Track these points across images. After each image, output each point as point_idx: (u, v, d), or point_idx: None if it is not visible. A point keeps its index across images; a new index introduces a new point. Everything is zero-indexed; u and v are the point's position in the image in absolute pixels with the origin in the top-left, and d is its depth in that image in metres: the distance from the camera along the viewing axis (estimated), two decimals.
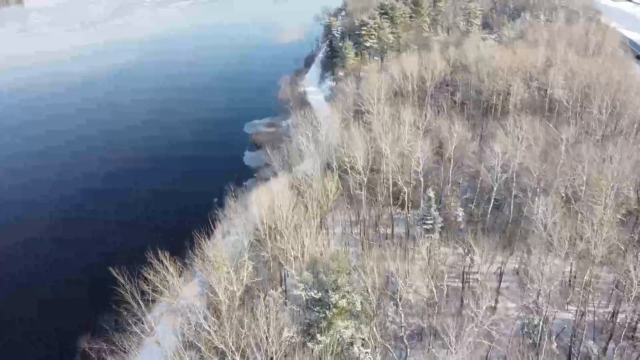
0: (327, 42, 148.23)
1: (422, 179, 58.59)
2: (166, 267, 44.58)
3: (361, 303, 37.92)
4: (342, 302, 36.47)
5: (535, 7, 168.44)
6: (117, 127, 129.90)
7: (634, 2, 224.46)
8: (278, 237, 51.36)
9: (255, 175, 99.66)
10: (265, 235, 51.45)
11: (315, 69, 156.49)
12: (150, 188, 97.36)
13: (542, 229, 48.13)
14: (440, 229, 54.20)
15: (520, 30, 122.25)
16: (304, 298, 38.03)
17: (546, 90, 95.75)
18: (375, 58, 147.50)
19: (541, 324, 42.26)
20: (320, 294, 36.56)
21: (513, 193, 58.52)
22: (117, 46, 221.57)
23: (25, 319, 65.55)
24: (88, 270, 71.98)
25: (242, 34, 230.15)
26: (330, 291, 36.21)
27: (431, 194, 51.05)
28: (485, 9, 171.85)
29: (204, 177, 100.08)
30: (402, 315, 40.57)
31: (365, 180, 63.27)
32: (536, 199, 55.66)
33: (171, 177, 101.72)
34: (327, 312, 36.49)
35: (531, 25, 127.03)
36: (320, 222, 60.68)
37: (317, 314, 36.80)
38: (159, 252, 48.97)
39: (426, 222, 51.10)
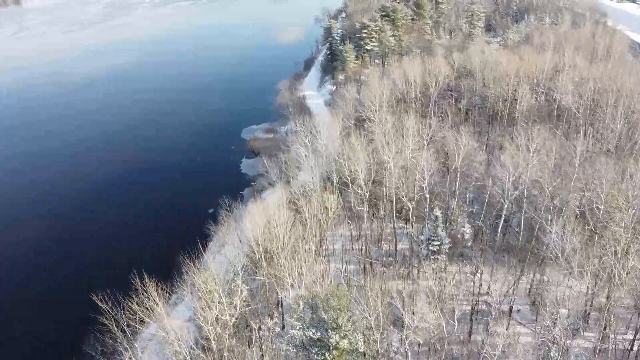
0: (327, 45, 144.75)
1: (427, 195, 55.24)
2: (152, 296, 41.06)
3: (364, 342, 34.50)
4: (344, 343, 33.03)
5: (539, 9, 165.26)
6: (109, 132, 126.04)
7: (638, 3, 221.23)
8: (274, 259, 47.93)
9: (252, 184, 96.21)
10: (260, 257, 48.00)
11: (314, 73, 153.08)
12: (141, 199, 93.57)
13: (559, 254, 44.68)
14: (447, 250, 50.86)
15: (526, 33, 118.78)
16: (301, 338, 34.59)
17: (554, 97, 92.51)
18: (377, 61, 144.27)
19: (559, 357, 38.86)
20: (319, 334, 33.15)
21: (524, 209, 55.09)
22: (113, 47, 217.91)
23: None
24: (71, 294, 67.68)
25: (241, 35, 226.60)
26: (330, 331, 32.80)
27: (438, 213, 47.70)
28: (487, 11, 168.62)
29: (199, 186, 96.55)
30: (409, 355, 37.21)
31: (367, 195, 59.80)
32: (549, 217, 52.27)
33: (164, 186, 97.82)
34: (326, 354, 33.03)
35: (537, 29, 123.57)
36: (320, 242, 57.34)
37: (315, 356, 33.36)
38: (146, 276, 45.47)
39: (433, 243, 47.76)
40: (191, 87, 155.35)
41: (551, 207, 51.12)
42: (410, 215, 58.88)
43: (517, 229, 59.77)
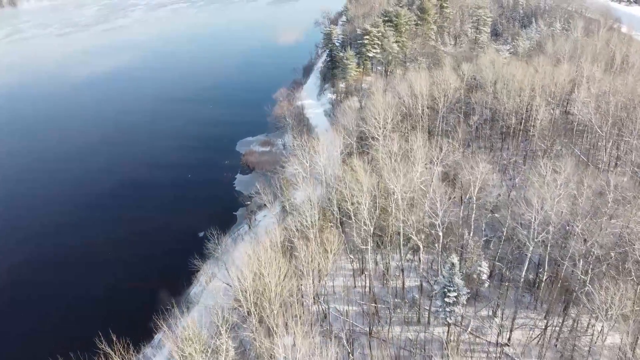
0: (327, 52, 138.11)
1: (440, 233, 48.72)
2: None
3: None
4: None
5: (547, 13, 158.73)
6: (93, 145, 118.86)
7: None
8: (265, 318, 41.29)
9: (247, 203, 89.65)
10: (249, 311, 41.39)
11: (314, 80, 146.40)
12: (125, 221, 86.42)
13: (597, 309, 38.16)
14: (465, 302, 44.37)
15: (537, 41, 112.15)
16: None
17: (571, 111, 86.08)
18: (379, 68, 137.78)
19: None
20: None
21: (548, 249, 48.52)
22: (105, 52, 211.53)
23: None
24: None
25: (238, 39, 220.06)
26: None
27: (454, 259, 41.26)
28: (494, 15, 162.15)
29: (189, 206, 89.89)
30: None
31: (372, 229, 53.18)
32: (580, 262, 45.70)
33: (151, 206, 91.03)
34: None
35: (550, 37, 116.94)
36: (317, 295, 50.82)
37: None
38: (114, 337, 38.93)
39: (449, 294, 41.34)
40: (184, 96, 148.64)
41: (584, 252, 44.52)
42: (420, 255, 52.26)
43: (540, 269, 53.22)
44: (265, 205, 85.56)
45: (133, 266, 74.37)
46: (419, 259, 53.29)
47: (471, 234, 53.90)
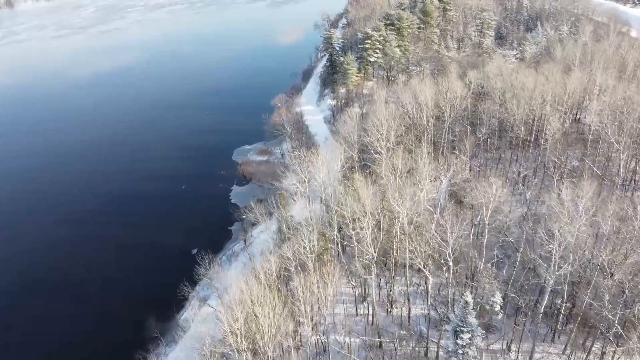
0: (327, 56, 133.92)
1: (451, 264, 44.55)
2: None
3: None
4: None
5: (552, 16, 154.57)
6: (84, 154, 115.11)
7: None
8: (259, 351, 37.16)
9: (243, 217, 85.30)
10: (239, 350, 37.20)
11: (313, 85, 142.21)
12: (113, 240, 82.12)
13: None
14: (480, 343, 40.25)
15: (544, 46, 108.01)
16: None
17: (585, 122, 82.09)
18: (380, 72, 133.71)
19: None
20: None
21: (568, 277, 44.33)
22: (99, 55, 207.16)
23: None
24: None
25: (236, 42, 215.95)
26: None
27: (469, 297, 37.18)
28: (498, 18, 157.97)
29: (183, 220, 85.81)
30: None
31: (375, 256, 49.04)
32: (606, 295, 41.57)
33: (141, 223, 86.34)
34: None
35: (558, 41, 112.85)
36: (316, 325, 46.67)
37: None
38: None
39: (461, 335, 37.29)
40: (180, 102, 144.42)
41: (611, 286, 40.41)
42: (428, 287, 48.06)
43: (557, 298, 49.08)
44: (263, 215, 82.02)
45: (121, 288, 70.35)
46: (427, 290, 49.10)
47: (483, 260, 49.74)
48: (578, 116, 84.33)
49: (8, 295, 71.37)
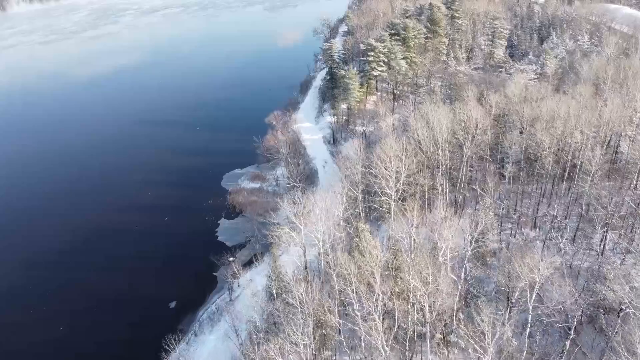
0: (327, 69, 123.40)
1: None
2: None
3: None
4: None
5: (568, 24, 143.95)
6: (55, 181, 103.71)
7: None
8: None
9: (231, 260, 74.67)
10: None
11: (311, 99, 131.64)
12: (86, 282, 71.76)
13: None
14: None
15: (569, 61, 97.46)
16: None
17: (622, 152, 71.63)
18: (384, 85, 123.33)
19: None
20: None
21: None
22: (85, 64, 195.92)
23: None
24: None
25: (231, 48, 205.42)
26: None
27: None
28: (510, 26, 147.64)
29: (160, 265, 75.12)
30: None
31: (385, 340, 38.52)
32: None
33: (112, 267, 74.91)
34: None
35: (578, 53, 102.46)
36: None
37: None
38: None
39: None
40: (167, 116, 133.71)
41: None
42: None
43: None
44: (251, 261, 72.06)
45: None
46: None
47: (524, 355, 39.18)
48: (615, 147, 73.76)
49: None
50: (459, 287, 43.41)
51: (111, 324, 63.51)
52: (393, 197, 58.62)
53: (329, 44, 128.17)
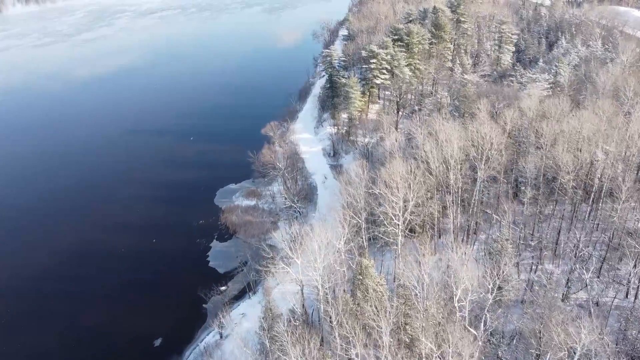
0: (327, 76, 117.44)
1: None
2: None
3: None
4: None
5: (576, 27, 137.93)
6: (35, 199, 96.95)
7: None
8: None
9: (222, 289, 68.92)
10: None
11: (310, 108, 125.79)
12: (64, 316, 65.76)
13: None
14: None
15: (584, 70, 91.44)
16: None
17: None
18: (387, 92, 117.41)
19: None
20: None
21: None
22: (78, 67, 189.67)
23: None
24: None
25: (228, 52, 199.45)
26: None
27: None
28: (517, 30, 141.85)
29: (146, 294, 69.26)
30: None
31: None
32: None
33: (90, 298, 68.75)
34: None
35: (593, 61, 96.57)
36: None
37: None
38: None
39: None
40: (160, 126, 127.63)
41: None
42: None
43: None
44: (244, 290, 66.45)
45: None
46: None
47: None
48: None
49: None
50: (479, 343, 37.56)
51: None
52: (400, 227, 52.73)
53: (328, 51, 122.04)
